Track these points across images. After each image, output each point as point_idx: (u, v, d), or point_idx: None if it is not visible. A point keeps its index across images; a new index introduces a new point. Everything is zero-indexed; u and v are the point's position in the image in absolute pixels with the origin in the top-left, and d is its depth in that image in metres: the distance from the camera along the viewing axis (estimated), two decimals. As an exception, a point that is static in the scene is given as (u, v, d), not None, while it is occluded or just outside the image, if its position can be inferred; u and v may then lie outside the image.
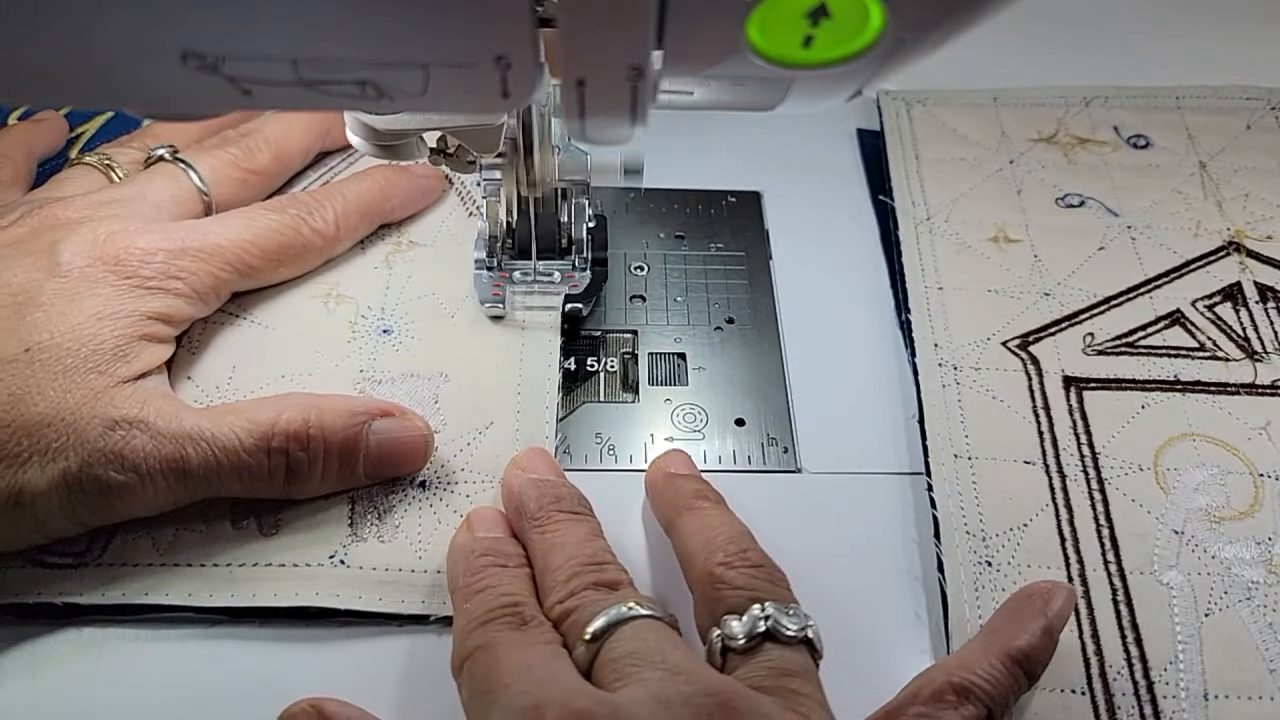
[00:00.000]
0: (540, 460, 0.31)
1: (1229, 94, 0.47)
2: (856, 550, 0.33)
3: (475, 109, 0.27)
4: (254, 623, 0.30)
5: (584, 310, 0.38)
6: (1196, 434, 0.35)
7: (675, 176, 0.44)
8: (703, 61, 0.19)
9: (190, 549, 0.30)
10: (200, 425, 0.29)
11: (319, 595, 0.30)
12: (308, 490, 0.31)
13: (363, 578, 0.30)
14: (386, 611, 0.30)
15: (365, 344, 0.36)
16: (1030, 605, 0.29)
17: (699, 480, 0.31)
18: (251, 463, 0.29)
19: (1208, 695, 0.29)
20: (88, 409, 0.28)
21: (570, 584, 0.27)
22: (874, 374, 0.38)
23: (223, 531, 0.31)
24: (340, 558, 0.30)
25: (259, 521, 0.31)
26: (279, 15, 0.17)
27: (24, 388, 0.28)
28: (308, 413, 0.30)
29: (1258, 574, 0.31)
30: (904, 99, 0.47)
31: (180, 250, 0.32)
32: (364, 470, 0.31)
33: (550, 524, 0.29)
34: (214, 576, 0.30)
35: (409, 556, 0.31)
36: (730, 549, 0.28)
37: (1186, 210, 0.43)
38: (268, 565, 0.30)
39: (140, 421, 0.28)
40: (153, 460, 0.28)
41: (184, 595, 0.29)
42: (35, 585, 0.29)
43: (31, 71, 0.18)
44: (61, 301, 0.30)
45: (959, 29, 0.19)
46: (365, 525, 0.31)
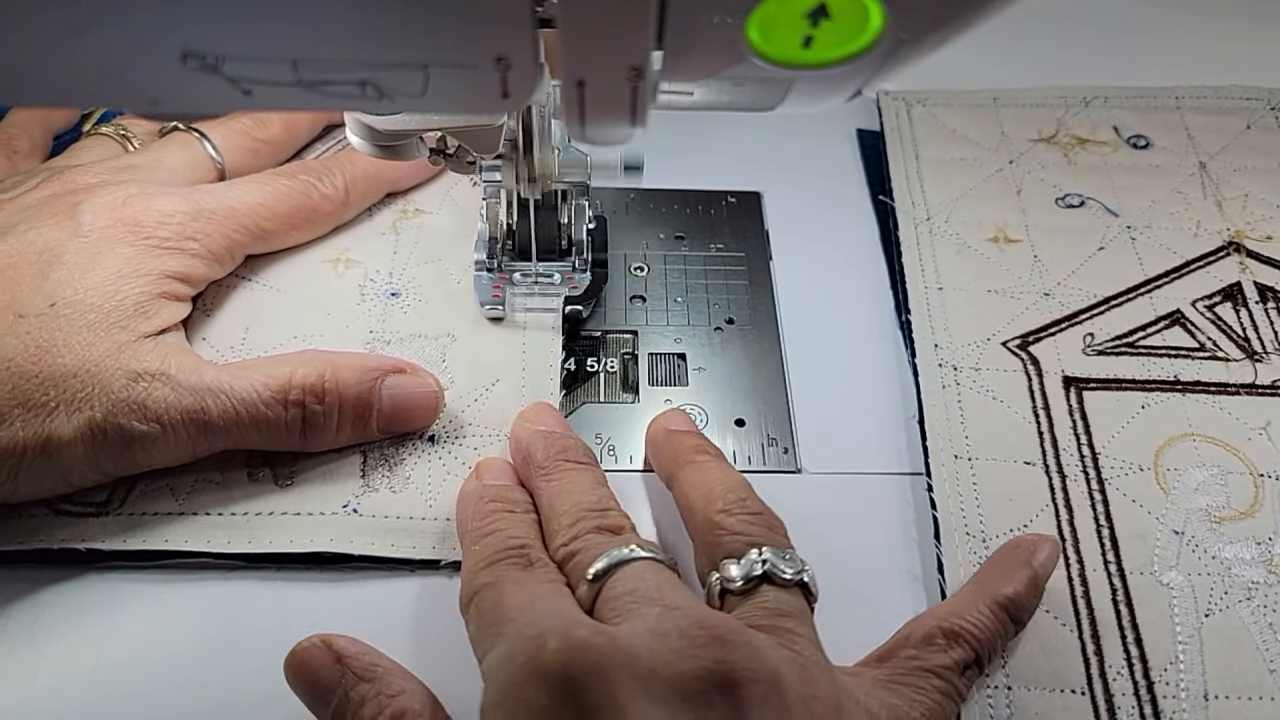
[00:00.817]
0: (546, 413, 0.32)
1: (1229, 94, 0.47)
2: (857, 550, 0.33)
3: (475, 109, 0.27)
4: (270, 568, 0.31)
5: (584, 312, 0.38)
6: (1197, 434, 0.35)
7: (675, 177, 0.44)
8: (703, 62, 0.19)
9: (208, 499, 0.31)
10: (219, 379, 0.30)
11: (333, 541, 0.31)
12: (323, 443, 0.32)
13: (375, 525, 0.31)
14: (398, 557, 0.31)
15: (374, 306, 0.37)
16: (1017, 556, 0.30)
17: (698, 436, 0.32)
18: (269, 415, 0.30)
19: (1208, 695, 0.29)
20: (111, 361, 0.29)
21: (574, 528, 0.27)
22: (874, 374, 0.38)
23: (239, 482, 0.32)
24: (353, 506, 0.32)
25: (274, 473, 0.32)
26: (279, 16, 0.17)
27: (50, 341, 0.29)
28: (323, 368, 0.31)
29: (1258, 574, 0.31)
30: (904, 99, 0.47)
31: (196, 213, 0.34)
32: (377, 425, 0.32)
33: (556, 473, 0.30)
34: (231, 525, 0.31)
35: (419, 505, 0.32)
36: (730, 498, 0.28)
37: (1186, 210, 0.43)
38: (283, 514, 0.31)
39: (162, 374, 0.29)
40: (174, 411, 0.29)
41: (203, 542, 0.30)
42: (59, 532, 0.30)
43: (31, 71, 0.18)
44: (84, 260, 0.31)
45: (959, 29, 0.19)
46: (377, 476, 0.32)
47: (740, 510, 0.28)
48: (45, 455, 0.28)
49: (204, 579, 0.30)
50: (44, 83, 0.19)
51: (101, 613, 0.30)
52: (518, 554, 0.27)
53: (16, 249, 0.31)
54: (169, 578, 0.30)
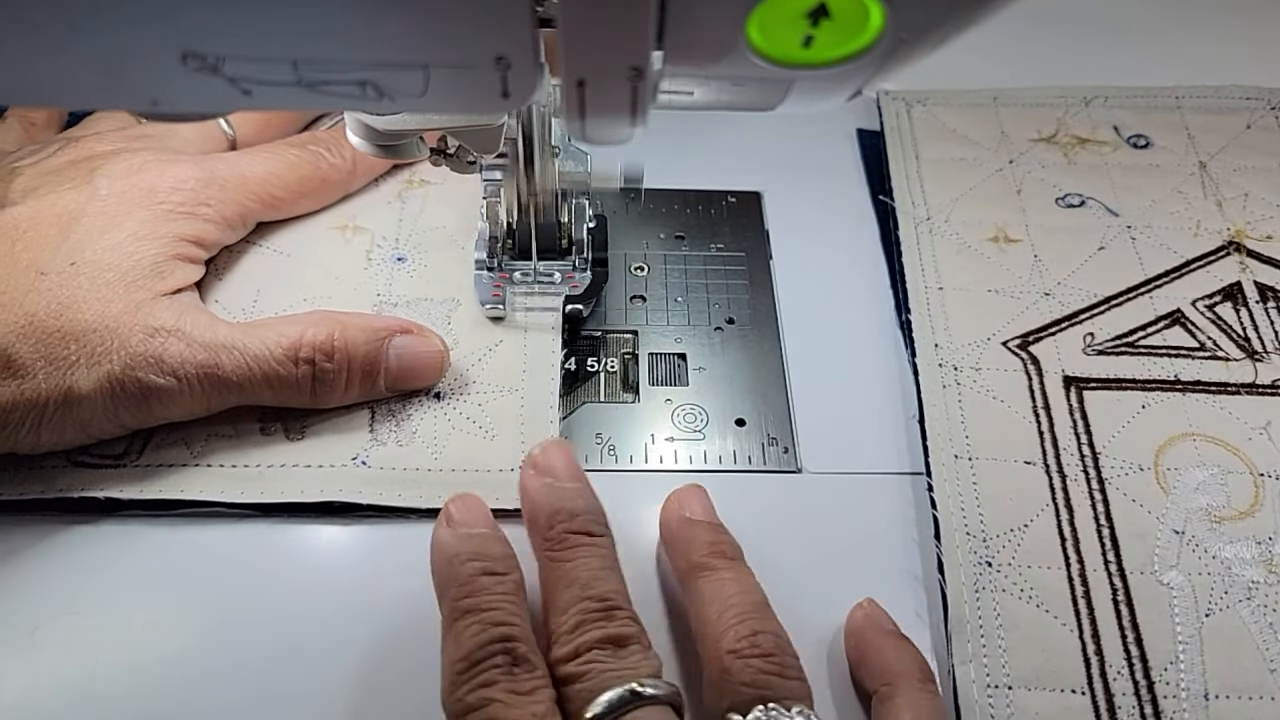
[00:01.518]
0: (558, 459, 0.30)
1: (1229, 94, 0.47)
2: (857, 550, 0.33)
3: (475, 109, 0.27)
4: (281, 517, 0.32)
5: (584, 311, 0.38)
6: (1197, 434, 0.35)
7: (675, 177, 0.44)
8: (703, 62, 0.19)
9: (221, 451, 0.32)
10: (233, 335, 0.31)
11: (342, 491, 0.32)
12: (332, 400, 0.33)
13: (382, 477, 0.32)
14: (405, 506, 0.32)
15: (381, 271, 0.38)
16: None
17: (716, 530, 0.30)
18: (281, 371, 0.32)
19: (1208, 695, 0.29)
20: (129, 318, 0.30)
21: (576, 637, 0.26)
22: (874, 374, 0.38)
23: (251, 437, 0.33)
24: (362, 459, 0.33)
25: (285, 428, 0.33)
26: (279, 16, 0.17)
27: (71, 298, 0.30)
28: (333, 328, 0.32)
29: (1258, 574, 0.31)
30: (904, 99, 0.47)
31: (209, 180, 0.35)
32: (385, 383, 0.33)
33: (562, 548, 0.28)
34: (244, 476, 0.32)
35: (425, 458, 0.33)
36: (742, 630, 0.26)
37: (1186, 210, 0.43)
38: (294, 466, 0.32)
39: (178, 330, 0.31)
40: (189, 366, 0.30)
41: (216, 492, 0.32)
42: (79, 482, 0.31)
43: (31, 71, 0.18)
44: (102, 222, 0.32)
45: (959, 29, 0.19)
46: (384, 431, 0.34)
47: (751, 651, 0.26)
48: (67, 406, 0.29)
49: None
50: (44, 83, 0.19)
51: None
52: (504, 650, 0.25)
53: (37, 211, 0.32)
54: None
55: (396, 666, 0.29)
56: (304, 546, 0.32)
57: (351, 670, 0.29)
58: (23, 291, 0.30)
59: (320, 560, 0.31)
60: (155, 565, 0.31)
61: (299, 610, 0.30)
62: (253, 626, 0.30)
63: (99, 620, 0.30)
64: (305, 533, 0.32)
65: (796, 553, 0.32)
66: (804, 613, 0.30)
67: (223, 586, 0.31)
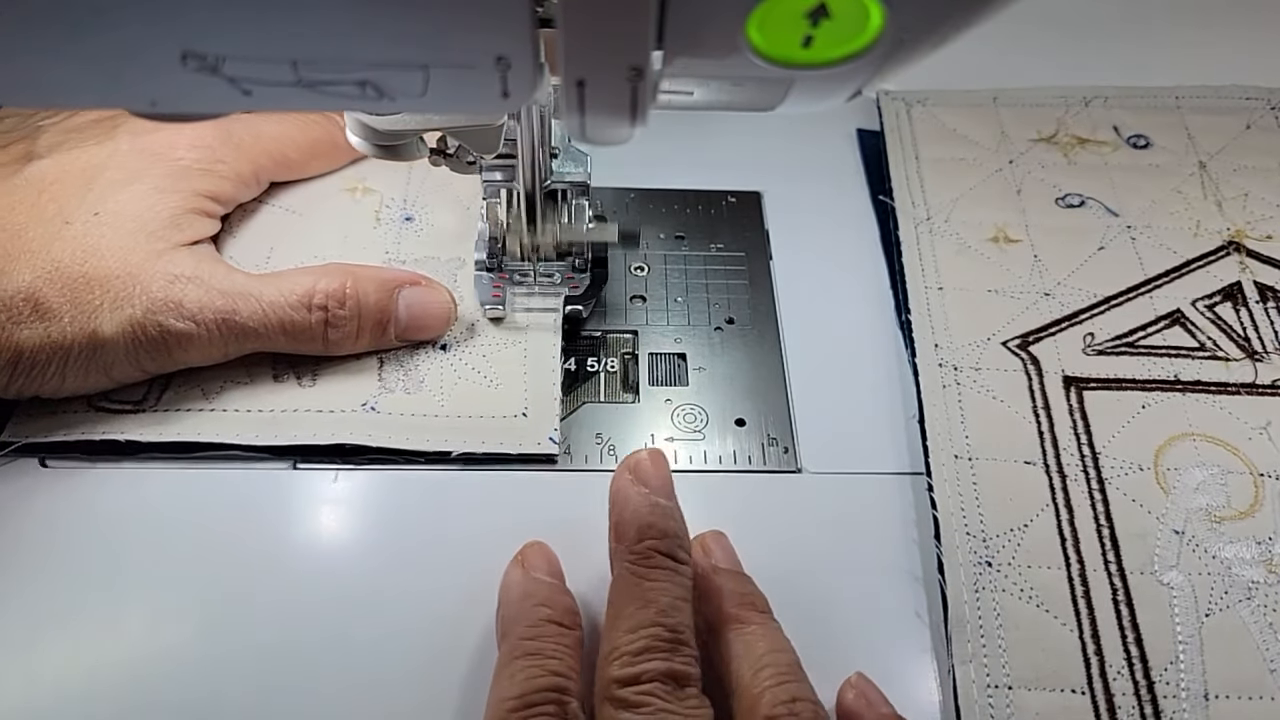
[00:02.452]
0: (656, 472, 0.30)
1: (1229, 94, 0.47)
2: (857, 550, 0.33)
3: (475, 109, 0.27)
4: (292, 459, 0.33)
5: (584, 312, 0.38)
6: (1197, 434, 0.35)
7: (675, 177, 0.44)
8: (703, 61, 0.19)
9: (236, 397, 0.34)
10: (250, 283, 0.33)
11: (352, 435, 0.33)
12: (344, 347, 0.35)
13: (391, 422, 0.34)
14: (412, 449, 0.33)
15: (389, 230, 0.40)
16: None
17: (744, 580, 0.30)
18: (295, 318, 0.33)
19: (1208, 695, 0.29)
20: (150, 265, 0.32)
21: (641, 662, 0.25)
22: (874, 374, 0.38)
23: (265, 383, 0.34)
24: (371, 405, 0.34)
25: (297, 376, 0.35)
26: (279, 16, 0.17)
27: (95, 245, 0.31)
28: (345, 278, 0.34)
29: (1258, 574, 0.31)
30: (904, 99, 0.47)
31: (226, 139, 0.36)
32: (395, 332, 0.35)
33: (646, 565, 0.27)
34: (258, 420, 0.33)
35: (432, 404, 0.35)
36: (780, 695, 0.26)
37: (1186, 210, 0.43)
38: (306, 411, 0.34)
39: (196, 277, 0.32)
40: (208, 311, 0.32)
41: (232, 435, 0.33)
42: (100, 426, 0.33)
43: (31, 71, 0.18)
44: (123, 176, 0.33)
45: (959, 29, 0.19)
46: (393, 379, 0.35)
47: (788, 716, 0.25)
48: (91, 350, 0.31)
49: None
50: (44, 82, 0.19)
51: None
52: (556, 702, 0.25)
53: (62, 165, 0.33)
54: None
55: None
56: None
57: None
58: (49, 240, 0.31)
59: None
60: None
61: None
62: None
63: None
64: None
65: (796, 553, 0.32)
66: (804, 614, 0.30)
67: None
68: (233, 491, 0.33)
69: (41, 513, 0.32)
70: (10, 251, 0.31)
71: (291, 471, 0.33)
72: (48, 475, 0.33)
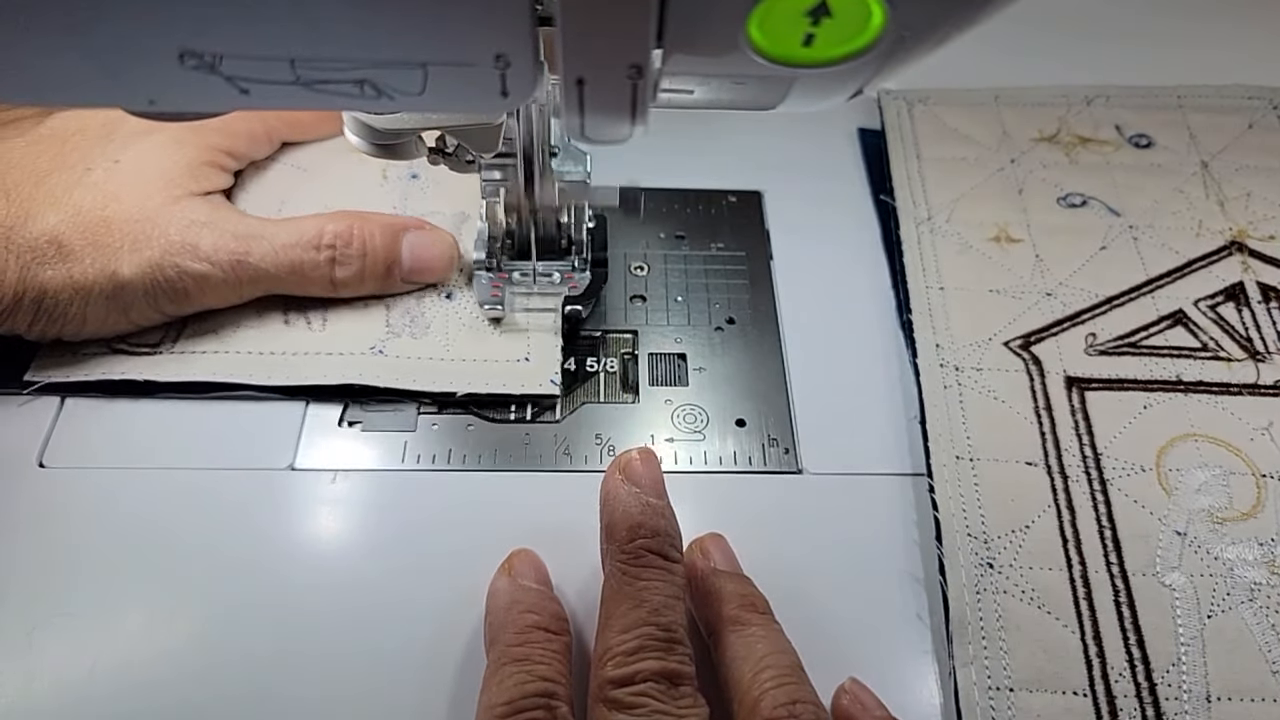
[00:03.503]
0: (648, 471, 0.29)
1: (1231, 93, 0.47)
2: (858, 552, 0.32)
3: (474, 108, 0.27)
4: (303, 399, 0.35)
5: (584, 312, 0.38)
6: (1199, 434, 0.35)
7: (675, 176, 0.44)
8: (703, 60, 0.19)
9: (248, 340, 0.35)
10: (262, 226, 0.35)
11: (361, 376, 0.35)
12: (351, 287, 0.36)
13: (398, 365, 0.35)
14: (418, 389, 0.35)
15: (396, 186, 0.41)
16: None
17: (743, 581, 0.29)
18: (304, 258, 0.35)
19: (1210, 697, 0.29)
20: (168, 210, 0.34)
21: (635, 661, 0.25)
22: (875, 374, 0.37)
23: (276, 327, 0.36)
24: (379, 348, 0.36)
25: (307, 320, 0.36)
26: (277, 15, 0.17)
27: (115, 191, 0.33)
28: (352, 221, 0.36)
29: (1260, 575, 0.31)
30: (905, 98, 0.47)
31: None
32: (400, 274, 0.36)
33: (637, 565, 0.27)
34: (270, 362, 0.35)
35: (438, 348, 0.36)
36: (780, 697, 0.25)
37: (1189, 210, 0.42)
38: (316, 354, 0.35)
39: (211, 222, 0.34)
40: (223, 253, 0.34)
41: (245, 375, 0.34)
42: (119, 367, 0.34)
43: (30, 70, 0.18)
44: (141, 129, 0.35)
45: (960, 28, 0.18)
46: (400, 324, 0.37)
47: (789, 719, 0.25)
48: (111, 291, 0.33)
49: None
50: (42, 81, 0.19)
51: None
52: (545, 708, 0.25)
53: (84, 118, 0.35)
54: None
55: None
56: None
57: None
58: (71, 186, 0.33)
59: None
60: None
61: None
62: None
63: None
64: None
65: (797, 554, 0.32)
66: (805, 615, 0.30)
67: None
68: (230, 491, 0.33)
69: (41, 513, 0.32)
70: (35, 196, 0.32)
71: (289, 472, 0.33)
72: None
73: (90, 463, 0.33)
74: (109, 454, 0.33)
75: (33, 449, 0.33)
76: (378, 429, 0.35)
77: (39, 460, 0.33)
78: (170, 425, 0.34)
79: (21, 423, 0.34)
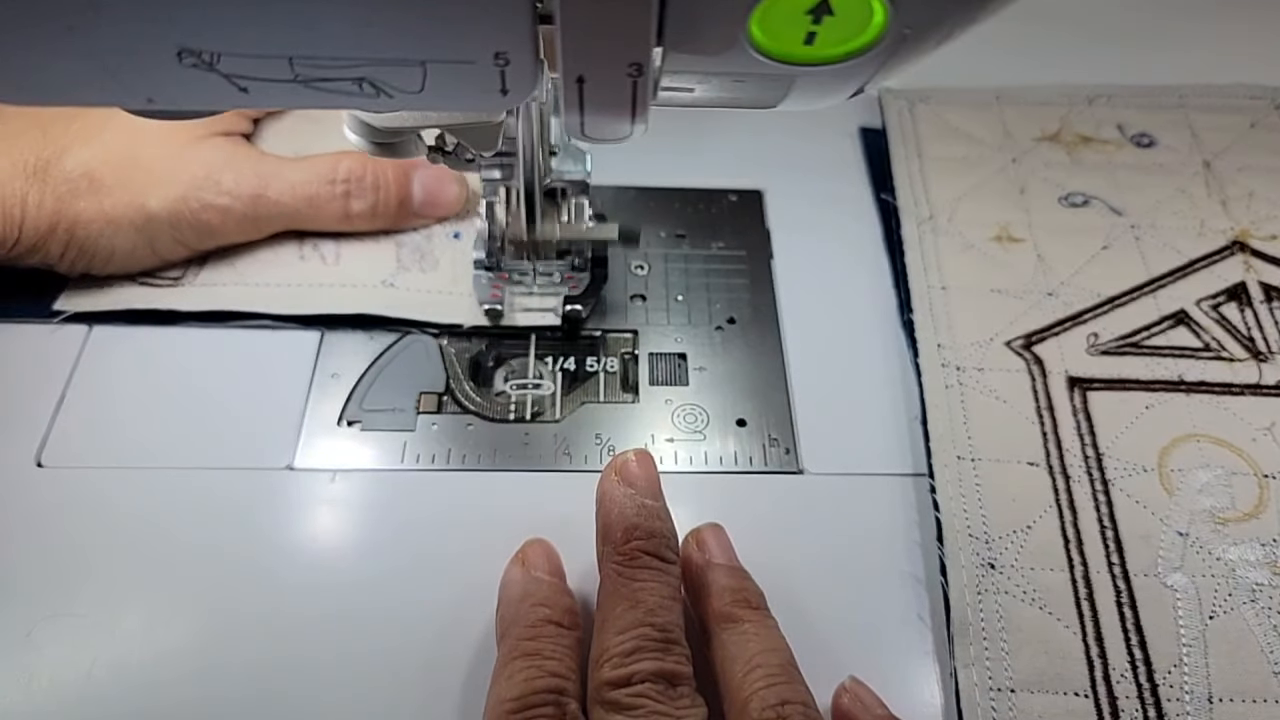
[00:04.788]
0: (644, 473, 0.29)
1: (1233, 93, 0.47)
2: (858, 552, 0.32)
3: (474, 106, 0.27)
4: (317, 327, 0.37)
5: (584, 312, 0.38)
6: (1201, 435, 0.35)
7: (676, 175, 0.44)
8: (704, 58, 0.19)
9: (265, 273, 0.38)
10: (280, 163, 0.37)
11: (373, 306, 0.37)
12: (365, 221, 0.38)
13: (408, 297, 0.37)
14: (427, 320, 0.37)
15: None
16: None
17: (739, 575, 0.29)
18: (321, 191, 0.37)
19: (1212, 698, 0.29)
20: (192, 149, 0.36)
21: (632, 663, 0.25)
22: (876, 374, 0.37)
23: (291, 262, 0.38)
24: (390, 281, 0.38)
25: (321, 255, 0.38)
26: (276, 13, 0.17)
27: (139, 136, 0.36)
28: (365, 158, 0.38)
29: (1263, 576, 0.31)
30: (907, 97, 0.46)
31: None
32: (413, 207, 0.39)
33: (633, 566, 0.27)
34: (286, 293, 0.37)
35: (446, 282, 0.38)
36: (769, 698, 0.25)
37: (1191, 209, 0.42)
38: (330, 285, 0.38)
39: (232, 160, 0.36)
40: (243, 187, 0.36)
41: (263, 305, 0.37)
42: (142, 298, 0.37)
43: (28, 69, 0.18)
44: None
45: (962, 26, 0.18)
46: (410, 260, 0.39)
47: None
48: (139, 223, 0.35)
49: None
50: (41, 81, 0.18)
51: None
52: (555, 704, 0.25)
53: None
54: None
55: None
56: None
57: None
58: (102, 126, 0.35)
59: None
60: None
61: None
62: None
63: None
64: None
65: (798, 554, 0.32)
66: (805, 616, 0.29)
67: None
68: (228, 491, 0.32)
69: (41, 513, 0.32)
70: (69, 133, 0.35)
71: (288, 472, 0.33)
72: (42, 472, 0.33)
73: (89, 463, 0.33)
74: (108, 453, 0.33)
75: (32, 448, 0.33)
76: (377, 428, 0.35)
77: (37, 460, 0.33)
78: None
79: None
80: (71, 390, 0.35)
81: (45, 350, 0.36)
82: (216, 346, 0.36)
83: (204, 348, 0.36)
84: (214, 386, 0.35)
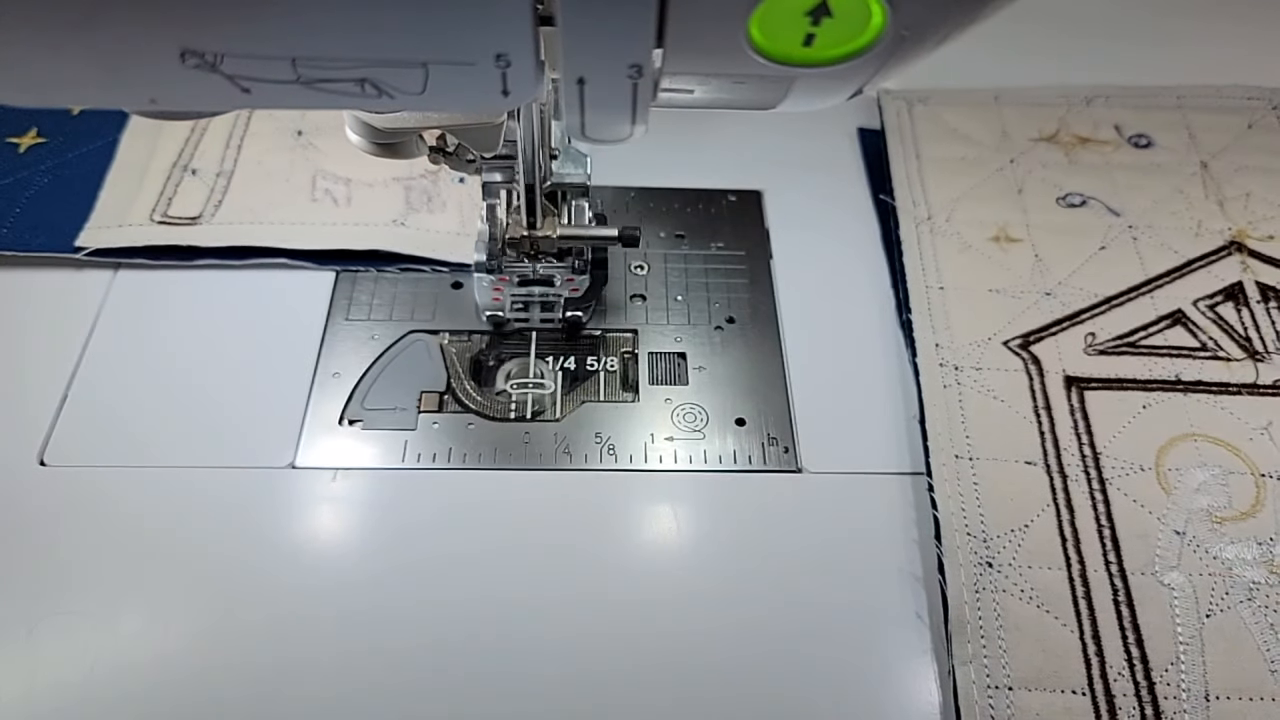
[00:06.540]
0: None
1: (1230, 93, 0.47)
2: (857, 551, 0.33)
3: (475, 107, 0.27)
4: (331, 263, 0.39)
5: (584, 318, 0.38)
6: (1198, 434, 0.35)
7: (676, 175, 0.44)
8: (704, 60, 0.19)
9: (279, 213, 0.40)
10: None
11: (384, 243, 0.39)
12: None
13: (418, 236, 0.40)
14: (436, 258, 0.39)
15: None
16: None
17: None
18: None
19: (1209, 696, 0.29)
20: None
21: None
22: (875, 374, 0.37)
23: (303, 204, 0.41)
24: (400, 221, 0.40)
25: (333, 198, 0.41)
26: (278, 14, 0.17)
27: None
28: None
29: (1259, 574, 0.31)
30: (905, 98, 0.47)
31: None
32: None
33: None
34: (301, 231, 0.40)
35: (454, 223, 0.40)
36: None
37: (1188, 210, 0.42)
38: (343, 224, 0.40)
39: None
40: None
41: (280, 240, 0.39)
42: (163, 236, 0.39)
43: (30, 70, 0.18)
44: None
45: (960, 27, 0.18)
46: (418, 202, 0.41)
47: None
48: None
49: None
50: (43, 81, 0.19)
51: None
52: None
53: None
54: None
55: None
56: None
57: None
58: None
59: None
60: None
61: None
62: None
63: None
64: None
65: (796, 553, 0.32)
66: (804, 614, 0.30)
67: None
68: (230, 489, 0.33)
69: (41, 512, 0.32)
70: None
71: (290, 470, 0.33)
72: (44, 470, 0.33)
73: (91, 461, 0.33)
74: (110, 452, 0.33)
75: (34, 447, 0.33)
76: (378, 427, 0.35)
77: (40, 459, 0.33)
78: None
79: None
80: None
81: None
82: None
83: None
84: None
